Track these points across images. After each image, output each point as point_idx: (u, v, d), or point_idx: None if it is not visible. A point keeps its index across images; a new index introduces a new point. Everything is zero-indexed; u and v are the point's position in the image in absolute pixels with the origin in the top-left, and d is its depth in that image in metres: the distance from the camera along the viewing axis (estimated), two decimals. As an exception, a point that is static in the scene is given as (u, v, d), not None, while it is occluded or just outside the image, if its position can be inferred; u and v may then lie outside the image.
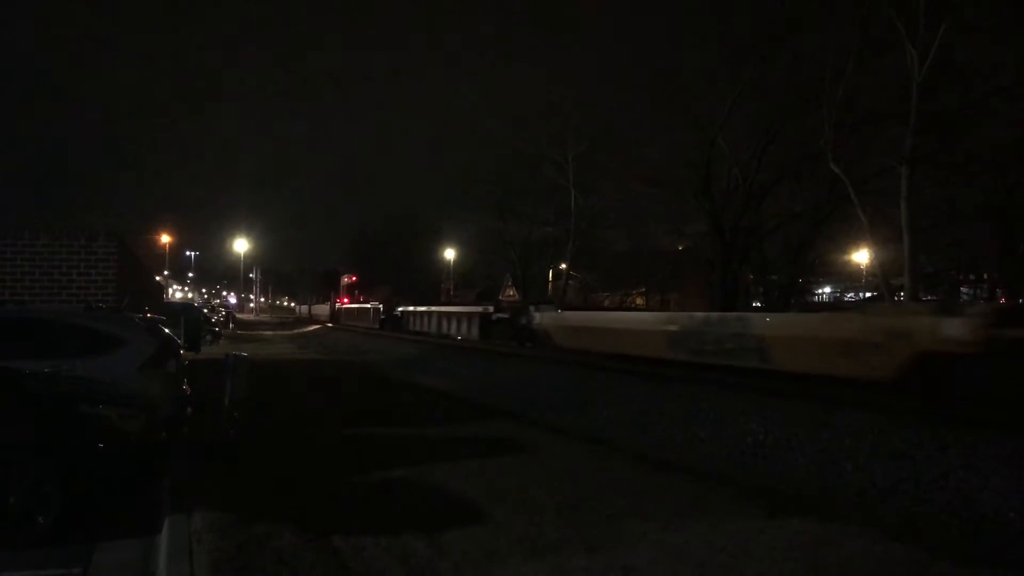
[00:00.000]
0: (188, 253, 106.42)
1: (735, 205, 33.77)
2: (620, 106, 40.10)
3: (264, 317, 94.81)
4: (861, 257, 43.29)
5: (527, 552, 5.80)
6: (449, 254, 70.38)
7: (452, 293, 65.30)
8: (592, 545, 5.98)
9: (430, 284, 69.66)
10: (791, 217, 34.14)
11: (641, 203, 42.39)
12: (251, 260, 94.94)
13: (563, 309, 33.15)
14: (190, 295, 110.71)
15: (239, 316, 77.03)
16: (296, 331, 56.37)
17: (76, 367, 7.76)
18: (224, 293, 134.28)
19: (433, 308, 47.77)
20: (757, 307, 36.78)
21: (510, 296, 46.83)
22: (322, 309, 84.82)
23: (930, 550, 5.97)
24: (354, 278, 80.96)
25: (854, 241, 37.09)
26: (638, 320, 25.81)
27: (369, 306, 61.86)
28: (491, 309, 37.97)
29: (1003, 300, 32.65)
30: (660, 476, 8.66)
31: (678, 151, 35.06)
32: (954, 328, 12.29)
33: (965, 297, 39.82)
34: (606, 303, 53.15)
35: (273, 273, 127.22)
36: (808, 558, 5.70)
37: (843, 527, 6.49)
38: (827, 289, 59.32)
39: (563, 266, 49.48)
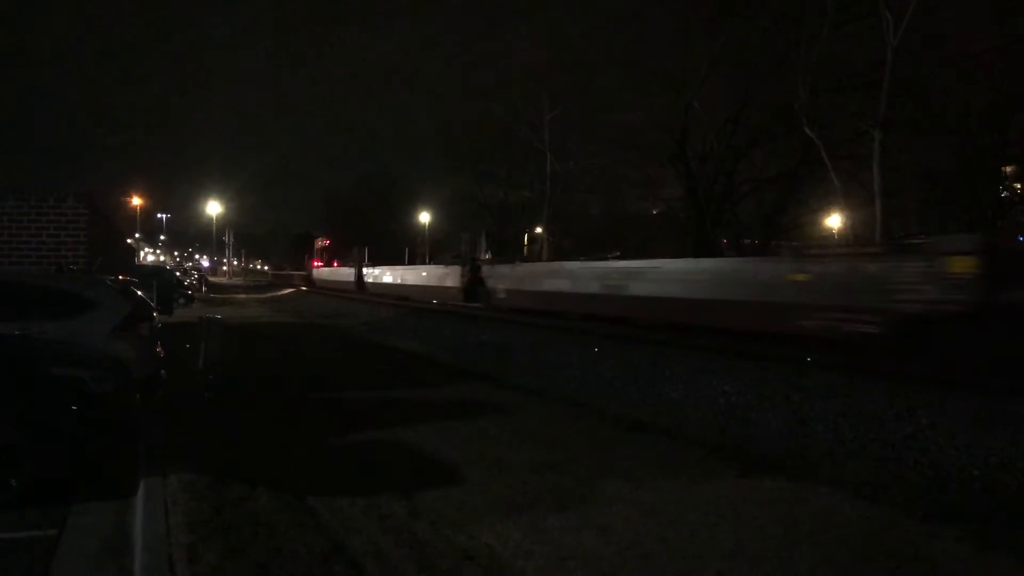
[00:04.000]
0: (160, 215, 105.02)
1: (710, 169, 33.84)
2: (596, 69, 39.82)
3: (237, 280, 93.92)
4: (834, 221, 43.55)
5: (503, 512, 5.87)
6: (424, 217, 70.06)
7: (428, 256, 65.06)
8: (567, 505, 6.05)
9: (405, 246, 69.33)
10: (765, 181, 34.26)
11: (617, 167, 42.32)
12: (224, 223, 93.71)
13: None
14: (162, 258, 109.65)
15: (212, 279, 76.35)
16: (269, 294, 56.03)
17: (48, 330, 7.66)
18: (197, 256, 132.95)
19: (390, 268, 49.25)
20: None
21: (485, 260, 46.95)
22: (296, 272, 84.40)
23: (896, 507, 6.11)
24: (327, 241, 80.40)
25: (827, 205, 37.25)
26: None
27: (343, 269, 61.57)
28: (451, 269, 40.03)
29: None
30: (634, 437, 8.75)
31: (654, 115, 34.94)
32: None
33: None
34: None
35: (246, 236, 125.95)
36: (778, 516, 5.81)
37: (813, 486, 6.62)
38: (800, 253, 59.64)
39: (538, 230, 49.43)
